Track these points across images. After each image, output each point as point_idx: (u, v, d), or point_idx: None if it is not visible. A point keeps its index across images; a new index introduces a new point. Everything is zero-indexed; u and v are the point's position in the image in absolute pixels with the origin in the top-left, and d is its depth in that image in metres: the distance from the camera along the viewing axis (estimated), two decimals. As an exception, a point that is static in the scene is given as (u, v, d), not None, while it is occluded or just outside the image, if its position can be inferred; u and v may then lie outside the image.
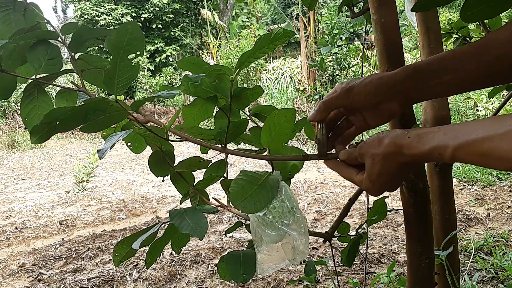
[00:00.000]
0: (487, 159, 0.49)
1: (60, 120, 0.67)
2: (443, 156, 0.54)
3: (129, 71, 0.70)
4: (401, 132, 0.59)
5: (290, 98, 11.55)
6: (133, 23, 0.69)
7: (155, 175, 0.97)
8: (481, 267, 2.66)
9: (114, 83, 0.70)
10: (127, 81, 0.71)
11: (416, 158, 0.57)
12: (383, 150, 0.60)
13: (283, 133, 0.74)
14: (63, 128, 0.69)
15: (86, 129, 0.71)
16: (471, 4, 0.75)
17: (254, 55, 0.74)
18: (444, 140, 0.54)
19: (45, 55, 0.76)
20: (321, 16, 11.44)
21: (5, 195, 5.73)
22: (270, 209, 0.71)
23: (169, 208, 4.72)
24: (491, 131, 0.49)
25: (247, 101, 0.87)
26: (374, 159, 0.61)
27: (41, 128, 0.67)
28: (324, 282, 2.64)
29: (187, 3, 18.79)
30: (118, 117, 0.75)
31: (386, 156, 0.60)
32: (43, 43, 0.76)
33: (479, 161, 0.51)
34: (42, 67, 0.76)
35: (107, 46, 0.71)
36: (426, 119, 1.30)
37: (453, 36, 1.69)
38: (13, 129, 12.09)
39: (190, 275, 2.89)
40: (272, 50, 0.75)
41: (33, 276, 3.00)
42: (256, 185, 0.71)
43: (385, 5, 0.91)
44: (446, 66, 0.66)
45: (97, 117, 0.71)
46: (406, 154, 0.58)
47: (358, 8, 1.33)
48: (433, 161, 0.56)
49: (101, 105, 0.70)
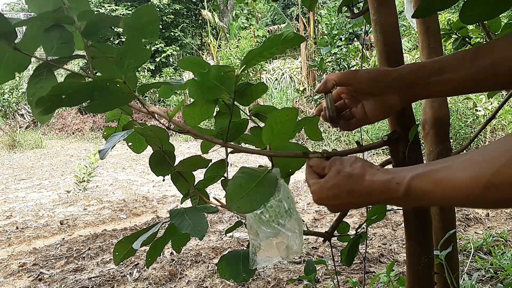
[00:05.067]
0: (442, 187, 0.49)
1: (67, 94, 0.67)
2: (400, 185, 0.54)
3: (141, 53, 0.71)
4: (374, 165, 0.62)
5: (290, 98, 11.54)
6: (151, 7, 0.70)
7: (155, 175, 0.98)
8: (480, 267, 2.66)
9: (124, 64, 0.71)
10: (137, 64, 0.72)
11: (374, 185, 0.58)
12: (350, 169, 0.62)
13: (285, 132, 0.75)
14: (68, 102, 0.68)
15: (91, 108, 0.72)
16: (470, 5, 0.75)
17: (262, 54, 0.73)
18: (403, 172, 0.55)
19: (58, 39, 0.77)
20: (321, 16, 11.44)
21: (6, 195, 5.73)
22: (267, 208, 0.72)
23: (170, 207, 4.73)
24: (448, 163, 0.50)
25: (251, 98, 0.86)
26: (339, 172, 0.63)
27: (47, 100, 0.67)
28: (324, 281, 2.64)
29: (188, 4, 18.78)
30: (124, 100, 0.75)
31: (351, 175, 0.61)
32: (58, 27, 0.77)
33: (434, 189, 0.50)
34: (54, 49, 0.77)
35: (123, 27, 0.71)
36: (425, 119, 1.30)
37: (453, 37, 1.70)
38: (14, 129, 12.10)
39: (190, 274, 2.90)
40: (280, 53, 0.75)
41: (34, 276, 3.01)
42: (254, 182, 0.72)
43: (384, 6, 0.91)
44: (446, 65, 0.68)
45: (103, 97, 0.71)
46: (367, 180, 0.59)
47: (357, 8, 1.34)
48: (391, 194, 0.56)
49: (108, 85, 0.70)
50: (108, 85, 0.70)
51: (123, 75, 0.72)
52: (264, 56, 0.74)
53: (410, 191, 0.53)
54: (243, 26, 18.15)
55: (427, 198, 0.51)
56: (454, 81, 0.67)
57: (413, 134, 0.82)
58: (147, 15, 0.69)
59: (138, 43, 0.70)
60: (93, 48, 0.80)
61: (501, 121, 6.46)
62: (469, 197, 0.45)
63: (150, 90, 0.79)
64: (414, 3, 1.31)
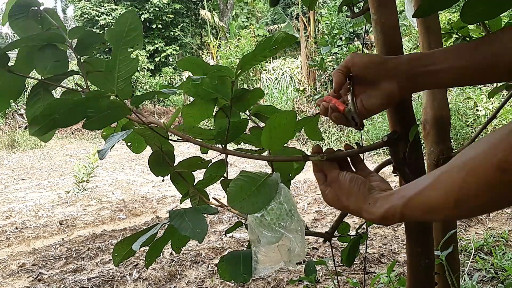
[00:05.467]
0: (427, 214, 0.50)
1: (60, 113, 0.67)
2: (395, 217, 0.56)
3: (129, 64, 0.71)
4: (363, 197, 0.62)
5: (290, 98, 11.54)
6: (131, 12, 0.71)
7: (155, 175, 0.97)
8: (481, 267, 2.66)
9: (114, 77, 0.71)
10: (127, 75, 0.71)
11: (375, 222, 0.60)
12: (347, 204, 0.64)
13: (284, 136, 0.74)
14: (62, 121, 0.68)
15: (87, 125, 0.71)
16: (471, 5, 0.75)
17: (255, 58, 0.73)
18: (393, 202, 0.56)
19: (52, 58, 0.78)
20: (321, 16, 11.44)
21: (5, 195, 5.73)
22: (268, 210, 0.72)
23: (169, 208, 4.73)
24: (420, 185, 0.51)
25: (248, 104, 0.87)
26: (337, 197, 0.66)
27: (41, 119, 0.67)
28: (324, 282, 2.64)
29: (187, 3, 18.77)
30: (119, 114, 0.74)
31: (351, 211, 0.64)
32: (51, 46, 0.78)
33: (424, 216, 0.52)
34: (48, 68, 0.78)
35: (107, 38, 0.71)
36: (426, 119, 1.30)
37: (453, 36, 1.69)
38: (13, 129, 12.10)
39: (190, 275, 2.89)
40: (273, 54, 0.75)
41: (33, 276, 3.00)
42: (255, 186, 0.71)
43: (385, 5, 0.91)
44: (447, 55, 0.68)
45: (97, 113, 0.70)
46: (366, 218, 0.61)
47: (358, 8, 1.33)
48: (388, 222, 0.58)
49: (101, 100, 0.70)
50: (101, 101, 0.70)
51: (115, 88, 0.71)
52: (257, 60, 0.74)
53: (404, 218, 0.56)
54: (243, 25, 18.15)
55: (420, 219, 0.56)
56: (454, 70, 0.66)
57: (414, 134, 0.82)
58: (130, 19, 0.70)
59: (125, 53, 0.70)
60: (87, 63, 0.80)
61: (502, 121, 6.46)
62: (447, 215, 0.48)
63: (144, 100, 0.80)
64: (415, 2, 1.31)
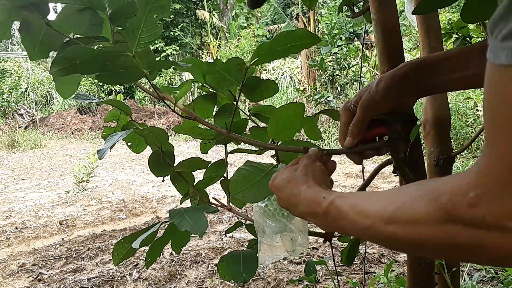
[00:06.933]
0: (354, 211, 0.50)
1: (81, 60, 0.68)
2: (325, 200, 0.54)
3: (152, 30, 0.72)
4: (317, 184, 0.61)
5: (290, 98, 11.55)
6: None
7: (155, 175, 0.97)
8: (481, 267, 2.66)
9: (136, 38, 0.71)
10: (149, 40, 0.72)
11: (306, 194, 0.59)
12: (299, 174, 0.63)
13: (291, 127, 0.74)
14: (82, 68, 0.70)
15: (101, 78, 0.73)
16: (471, 5, 0.75)
17: (274, 51, 0.70)
18: (332, 192, 0.56)
19: (89, 20, 0.81)
20: (321, 16, 11.44)
21: (5, 195, 5.73)
22: (272, 200, 0.73)
23: (169, 208, 4.73)
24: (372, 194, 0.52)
25: (260, 95, 0.84)
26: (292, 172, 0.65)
27: (62, 61, 0.68)
28: (324, 282, 2.64)
29: (187, 3, 18.76)
30: (133, 75, 0.75)
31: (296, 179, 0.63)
32: (90, 10, 0.81)
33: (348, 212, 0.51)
34: (83, 29, 0.81)
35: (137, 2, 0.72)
36: (426, 119, 1.30)
37: (453, 36, 1.69)
38: (13, 129, 12.10)
39: (190, 275, 2.89)
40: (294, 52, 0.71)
41: (33, 276, 3.00)
42: (259, 176, 0.72)
43: (385, 5, 0.91)
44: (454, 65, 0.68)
45: (115, 69, 0.72)
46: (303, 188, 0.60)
47: (358, 8, 1.33)
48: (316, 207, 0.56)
49: (119, 57, 0.71)
50: (118, 58, 0.71)
51: (134, 49, 0.72)
52: (275, 54, 0.71)
53: (331, 208, 0.53)
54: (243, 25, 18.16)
55: (341, 219, 0.52)
56: (463, 79, 0.67)
57: (415, 134, 0.82)
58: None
59: (150, 17, 0.70)
60: (119, 34, 0.81)
61: (501, 121, 6.44)
62: (371, 226, 0.46)
63: (160, 69, 0.80)
64: (415, 2, 1.31)
